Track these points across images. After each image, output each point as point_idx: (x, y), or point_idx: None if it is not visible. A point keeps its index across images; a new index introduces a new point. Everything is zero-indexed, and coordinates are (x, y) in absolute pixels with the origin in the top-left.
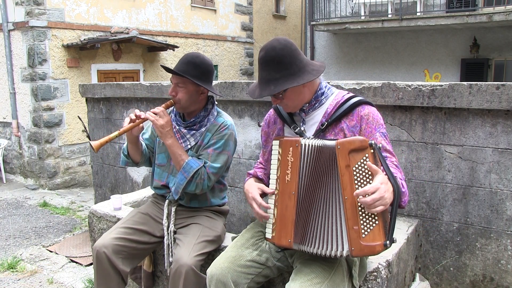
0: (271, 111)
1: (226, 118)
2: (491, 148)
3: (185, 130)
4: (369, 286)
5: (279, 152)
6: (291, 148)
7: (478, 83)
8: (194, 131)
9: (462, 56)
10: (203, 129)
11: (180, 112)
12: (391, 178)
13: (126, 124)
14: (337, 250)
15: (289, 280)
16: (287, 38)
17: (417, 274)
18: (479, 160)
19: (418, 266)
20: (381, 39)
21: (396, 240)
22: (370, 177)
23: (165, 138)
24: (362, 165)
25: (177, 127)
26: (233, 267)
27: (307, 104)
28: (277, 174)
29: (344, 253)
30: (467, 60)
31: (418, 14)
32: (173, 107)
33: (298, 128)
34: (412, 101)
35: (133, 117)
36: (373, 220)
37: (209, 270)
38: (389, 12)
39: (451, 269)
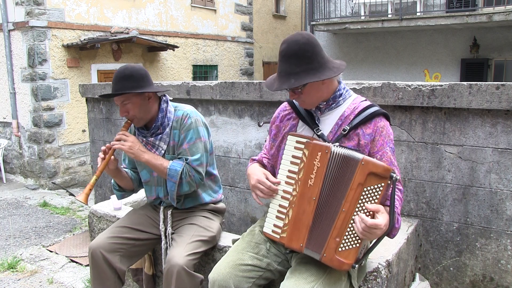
0: (286, 106)
1: (184, 108)
2: (491, 148)
3: (153, 138)
4: (369, 286)
5: (304, 153)
6: (319, 153)
7: (478, 83)
8: (160, 135)
9: (462, 56)
10: (167, 129)
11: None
12: (391, 216)
13: (99, 163)
14: (317, 254)
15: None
16: (310, 33)
17: (417, 274)
18: (479, 160)
19: (418, 266)
20: (381, 39)
21: (363, 263)
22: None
23: (139, 157)
24: (373, 191)
25: (145, 139)
26: (234, 272)
27: (324, 103)
28: (299, 175)
29: (319, 258)
30: (467, 60)
31: (418, 14)
32: (131, 124)
33: (321, 131)
34: (412, 101)
35: (102, 155)
36: (355, 241)
37: (211, 276)
38: (389, 12)
39: (451, 269)
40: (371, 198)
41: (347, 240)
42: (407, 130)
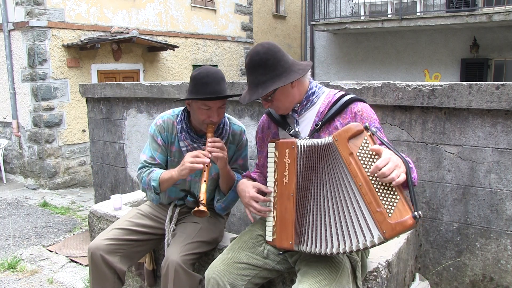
0: (264, 116)
1: (238, 123)
2: (491, 148)
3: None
4: (369, 286)
5: (275, 154)
6: (287, 150)
7: (478, 83)
8: None
9: (462, 56)
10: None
11: (191, 128)
12: (396, 152)
13: (195, 164)
14: (363, 241)
15: (289, 281)
16: (271, 41)
17: (417, 274)
18: (479, 160)
19: (418, 266)
20: (381, 39)
21: (421, 216)
22: (376, 157)
23: (225, 165)
24: (364, 148)
25: (195, 145)
26: (229, 270)
27: (299, 105)
28: (275, 176)
29: (376, 241)
30: (467, 60)
31: (418, 14)
32: (179, 120)
33: (293, 130)
34: (412, 101)
35: (206, 160)
36: (394, 197)
37: (206, 273)
38: (389, 12)
39: (451, 269)
40: (368, 156)
41: (388, 203)
42: (407, 130)
